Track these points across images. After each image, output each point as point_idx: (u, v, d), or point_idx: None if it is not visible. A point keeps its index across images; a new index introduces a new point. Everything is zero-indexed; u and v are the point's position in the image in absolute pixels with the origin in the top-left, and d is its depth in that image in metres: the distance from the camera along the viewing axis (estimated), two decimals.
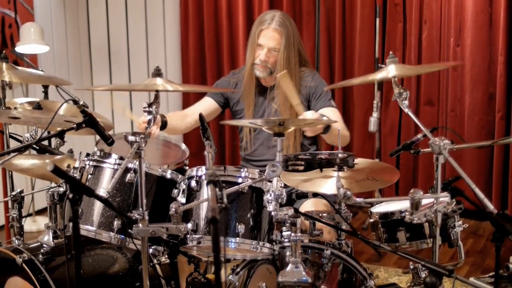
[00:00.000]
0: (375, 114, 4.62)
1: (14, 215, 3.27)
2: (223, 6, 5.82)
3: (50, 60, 5.62)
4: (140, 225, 2.38)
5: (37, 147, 3.38)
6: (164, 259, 2.98)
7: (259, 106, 3.52)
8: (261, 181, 2.46)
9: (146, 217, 2.38)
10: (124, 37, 6.12)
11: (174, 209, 2.41)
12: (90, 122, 2.55)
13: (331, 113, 3.30)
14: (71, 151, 3.21)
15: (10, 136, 3.56)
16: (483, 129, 5.03)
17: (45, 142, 3.73)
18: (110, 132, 3.62)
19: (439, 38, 5.12)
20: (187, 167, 3.07)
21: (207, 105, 3.63)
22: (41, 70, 4.32)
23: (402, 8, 5.22)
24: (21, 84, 5.19)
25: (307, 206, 3.18)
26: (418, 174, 5.37)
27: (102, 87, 3.07)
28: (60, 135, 2.58)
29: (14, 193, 3.27)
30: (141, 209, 2.39)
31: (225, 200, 1.98)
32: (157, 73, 2.46)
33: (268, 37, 3.41)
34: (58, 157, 3.23)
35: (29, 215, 5.25)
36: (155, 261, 2.96)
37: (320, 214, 2.74)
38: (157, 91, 2.45)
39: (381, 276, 4.15)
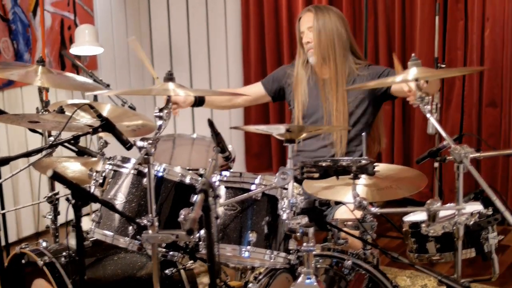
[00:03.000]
0: (434, 116, 4.45)
1: (50, 217, 3.32)
2: (283, 5, 5.76)
3: (110, 62, 5.69)
4: (150, 231, 2.35)
5: (76, 149, 3.42)
6: (189, 264, 2.97)
7: (313, 99, 3.53)
8: (272, 188, 2.38)
9: (156, 223, 2.35)
10: (185, 38, 6.14)
11: (183, 216, 2.37)
12: (107, 127, 2.53)
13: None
14: (102, 154, 3.22)
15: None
16: None
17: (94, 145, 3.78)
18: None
19: (503, 36, 4.88)
20: (231, 170, 3.03)
21: (256, 90, 3.74)
22: (90, 73, 4.41)
23: (463, 5, 5.01)
24: None
25: (340, 212, 3.08)
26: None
27: (113, 92, 3.08)
28: (75, 139, 2.57)
29: (49, 194, 3.33)
30: (150, 215, 2.35)
31: (218, 210, 1.93)
32: (169, 77, 2.42)
33: (304, 20, 3.49)
34: (93, 159, 3.26)
35: (87, 214, 5.34)
36: (179, 266, 2.95)
37: (345, 223, 2.64)
38: (169, 96, 2.41)
39: (430, 285, 3.99)
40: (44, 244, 3.00)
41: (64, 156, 3.48)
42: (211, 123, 2.40)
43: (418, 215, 2.85)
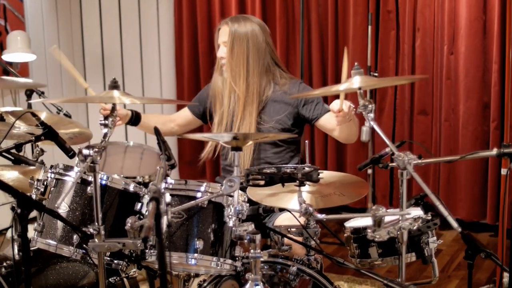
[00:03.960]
0: (367, 124, 4.53)
1: None
2: (217, 13, 5.81)
3: (42, 68, 5.59)
4: (96, 240, 2.32)
5: (12, 158, 3.34)
6: (132, 272, 2.94)
7: (230, 114, 3.36)
8: (218, 196, 2.38)
9: (102, 232, 2.32)
10: (118, 44, 6.10)
11: (130, 224, 2.35)
12: (49, 135, 2.49)
13: (331, 118, 3.15)
14: (42, 162, 3.15)
15: None
16: (477, 139, 4.95)
17: (29, 152, 3.70)
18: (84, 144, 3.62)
19: (433, 46, 5.05)
20: (169, 178, 3.01)
21: (184, 115, 3.60)
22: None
23: (395, 16, 5.16)
24: (11, 93, 5.16)
25: (282, 219, 3.11)
26: (413, 185, 5.27)
27: (56, 100, 3.03)
28: (17, 147, 2.52)
29: None
30: (96, 223, 2.32)
31: (169, 217, 1.92)
32: (114, 85, 2.40)
33: (221, 33, 3.32)
34: (31, 168, 3.19)
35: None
36: (123, 275, 2.92)
37: (288, 229, 2.67)
38: (113, 104, 2.39)
39: None
40: None
41: None
42: (157, 131, 2.40)
43: (358, 221, 2.90)
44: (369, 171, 5.14)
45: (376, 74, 4.98)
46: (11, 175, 3.21)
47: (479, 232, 5.09)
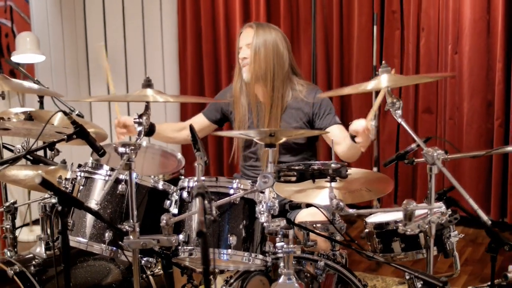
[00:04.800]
0: (373, 122, 4.58)
1: (8, 226, 3.26)
2: (221, 15, 5.83)
3: (47, 69, 5.60)
4: (131, 237, 2.36)
5: (31, 158, 3.37)
6: (158, 270, 2.98)
7: (251, 116, 3.41)
8: (253, 192, 2.43)
9: (137, 229, 2.36)
10: (121, 45, 6.12)
11: (165, 221, 2.39)
12: (80, 133, 2.52)
13: (338, 131, 3.26)
14: (64, 162, 3.19)
15: (4, 147, 3.55)
16: (481, 137, 5.01)
17: (41, 153, 3.73)
18: (105, 142, 3.64)
19: (437, 46, 5.10)
20: (182, 177, 3.04)
21: (199, 121, 3.59)
22: (37, 81, 4.33)
23: (399, 16, 5.21)
24: (17, 94, 5.17)
25: (303, 215, 3.15)
26: (417, 183, 5.35)
27: (95, 97, 3.05)
28: (50, 146, 2.55)
29: (7, 204, 3.26)
30: (132, 220, 2.36)
31: (214, 212, 1.96)
32: (148, 83, 2.44)
33: (244, 36, 3.35)
34: (52, 167, 3.22)
35: (26, 224, 5.23)
36: (148, 272, 2.96)
37: (314, 225, 2.71)
38: (147, 102, 2.43)
39: (379, 286, 4.12)
40: (9, 253, 2.96)
41: (19, 165, 3.42)
42: (192, 129, 2.44)
43: (378, 217, 2.95)
44: (374, 169, 5.19)
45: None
46: (23, 175, 3.24)
47: (483, 228, 5.14)
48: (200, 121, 3.60)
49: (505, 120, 4.91)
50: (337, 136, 3.21)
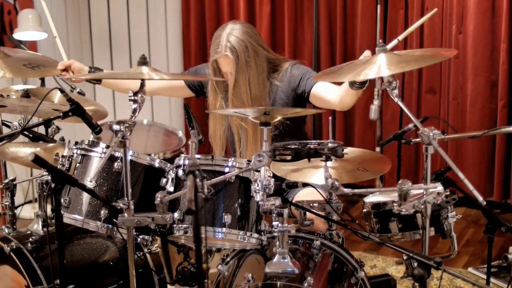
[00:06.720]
0: (376, 102, 4.51)
1: (7, 203, 3.26)
2: None
3: (50, 47, 5.58)
4: (126, 214, 2.36)
5: (30, 135, 3.37)
6: (155, 248, 2.99)
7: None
8: (247, 171, 2.42)
9: (132, 207, 2.35)
10: (125, 22, 6.10)
11: (159, 199, 2.39)
12: (76, 111, 2.51)
13: (324, 84, 3.19)
14: (62, 139, 3.19)
15: (3, 124, 3.56)
16: (485, 117, 4.98)
17: (42, 131, 3.73)
18: (105, 120, 3.64)
19: (441, 25, 5.07)
20: (183, 155, 3.04)
21: (177, 82, 3.51)
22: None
23: None
24: None
25: (302, 195, 3.15)
26: (419, 163, 5.33)
27: (86, 75, 3.04)
28: (46, 123, 2.55)
29: (6, 181, 3.26)
30: (126, 198, 2.36)
31: (205, 190, 1.96)
32: (143, 61, 2.43)
33: (223, 63, 3.24)
34: (51, 145, 3.22)
35: (29, 202, 5.26)
36: (145, 250, 2.96)
37: (311, 204, 2.70)
38: (142, 79, 2.42)
39: (379, 266, 4.12)
40: (6, 230, 2.97)
41: (18, 142, 3.42)
42: (186, 107, 2.43)
43: (376, 197, 2.94)
44: (377, 149, 5.17)
45: None
46: (22, 153, 3.24)
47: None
48: (178, 82, 3.52)
49: (509, 101, 4.88)
50: (325, 87, 3.15)
